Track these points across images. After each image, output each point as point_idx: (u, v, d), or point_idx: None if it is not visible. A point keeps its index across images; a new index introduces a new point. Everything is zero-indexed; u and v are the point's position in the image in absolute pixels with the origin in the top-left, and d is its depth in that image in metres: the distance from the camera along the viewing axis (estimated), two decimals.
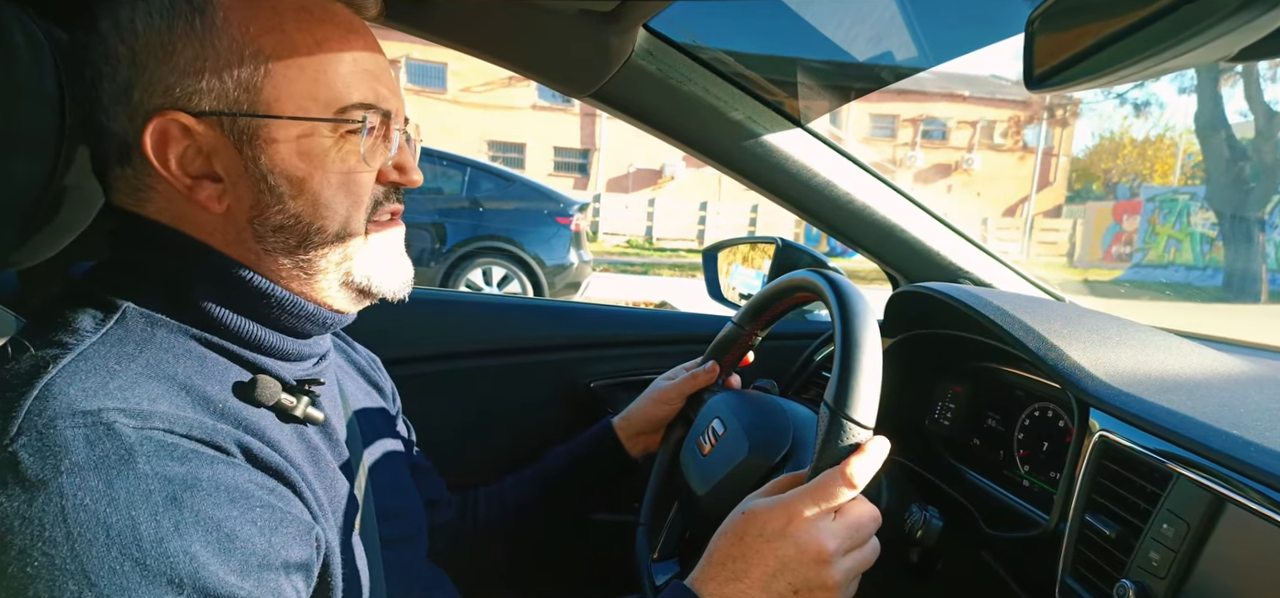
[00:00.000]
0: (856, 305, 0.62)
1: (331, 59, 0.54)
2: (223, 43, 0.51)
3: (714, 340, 0.89)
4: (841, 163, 1.06)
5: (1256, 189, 12.18)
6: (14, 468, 0.40)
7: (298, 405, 0.55)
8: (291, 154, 0.53)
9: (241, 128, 0.52)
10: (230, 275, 0.54)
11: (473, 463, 1.24)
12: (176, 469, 0.43)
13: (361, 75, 0.55)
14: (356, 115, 0.55)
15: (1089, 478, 0.65)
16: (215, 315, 0.53)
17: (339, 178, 0.55)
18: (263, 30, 0.52)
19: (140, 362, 0.48)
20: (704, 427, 0.79)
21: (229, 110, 0.51)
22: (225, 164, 0.52)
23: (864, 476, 0.57)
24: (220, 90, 0.51)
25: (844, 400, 0.58)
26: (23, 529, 0.39)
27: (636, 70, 0.94)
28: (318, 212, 0.55)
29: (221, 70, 0.51)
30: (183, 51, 0.50)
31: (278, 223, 0.54)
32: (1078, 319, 0.78)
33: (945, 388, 0.95)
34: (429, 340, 1.20)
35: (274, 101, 0.52)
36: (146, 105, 0.51)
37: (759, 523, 0.57)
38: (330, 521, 0.55)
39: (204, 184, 0.53)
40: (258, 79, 0.51)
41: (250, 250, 0.55)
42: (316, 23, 0.54)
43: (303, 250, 0.55)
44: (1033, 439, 0.82)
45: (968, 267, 1.09)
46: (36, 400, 0.42)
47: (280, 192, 0.53)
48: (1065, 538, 0.65)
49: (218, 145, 0.52)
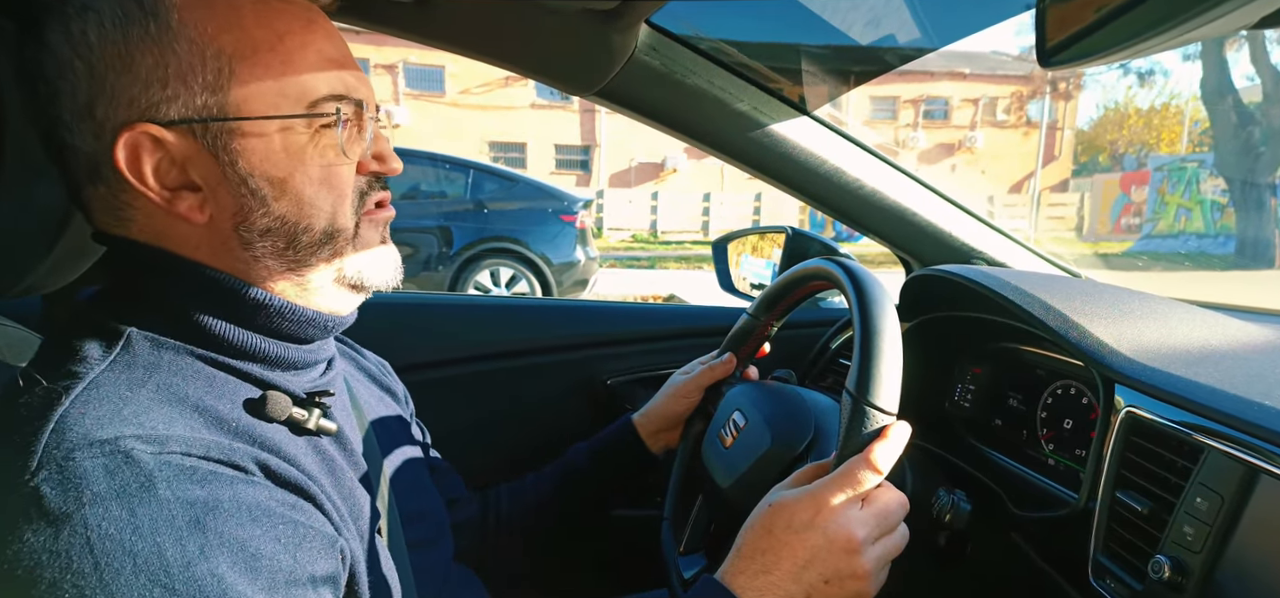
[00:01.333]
0: (874, 292, 0.62)
1: (296, 52, 0.52)
2: (182, 46, 0.49)
3: (730, 332, 0.89)
4: (849, 149, 1.05)
5: (1266, 153, 12.03)
6: (37, 503, 0.40)
7: (310, 418, 0.54)
8: (269, 154, 0.51)
9: (214, 133, 0.50)
10: (223, 289, 0.53)
11: (492, 465, 1.24)
12: (197, 492, 0.43)
13: (328, 66, 0.53)
14: (330, 108, 0.53)
15: (1117, 455, 0.64)
16: (216, 332, 0.52)
17: (320, 173, 0.53)
18: (221, 29, 0.50)
19: (150, 386, 0.48)
20: (724, 419, 0.79)
21: (199, 116, 0.49)
22: (202, 172, 0.51)
23: (889, 461, 0.57)
24: (186, 96, 0.49)
25: (866, 387, 0.57)
26: (51, 563, 0.39)
27: (640, 66, 0.94)
28: (303, 210, 0.53)
29: (185, 75, 0.49)
30: (142, 60, 0.48)
31: (264, 226, 0.52)
32: (1097, 295, 0.78)
33: (964, 370, 0.94)
34: (443, 345, 1.20)
35: (244, 102, 0.50)
36: (113, 120, 0.49)
37: (787, 515, 0.57)
38: (352, 530, 0.55)
39: (183, 195, 0.51)
40: (223, 80, 0.49)
41: (239, 259, 0.53)
42: (275, 16, 0.52)
43: (292, 252, 0.54)
44: (1056, 418, 0.81)
45: (981, 247, 1.08)
46: (53, 434, 0.42)
47: (263, 194, 0.52)
48: (1096, 516, 0.64)
49: (192, 153, 0.50)
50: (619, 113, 1.03)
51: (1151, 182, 15.77)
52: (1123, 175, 17.64)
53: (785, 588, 0.55)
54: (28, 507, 0.40)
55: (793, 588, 0.55)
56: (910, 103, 21.55)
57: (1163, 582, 0.56)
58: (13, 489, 0.41)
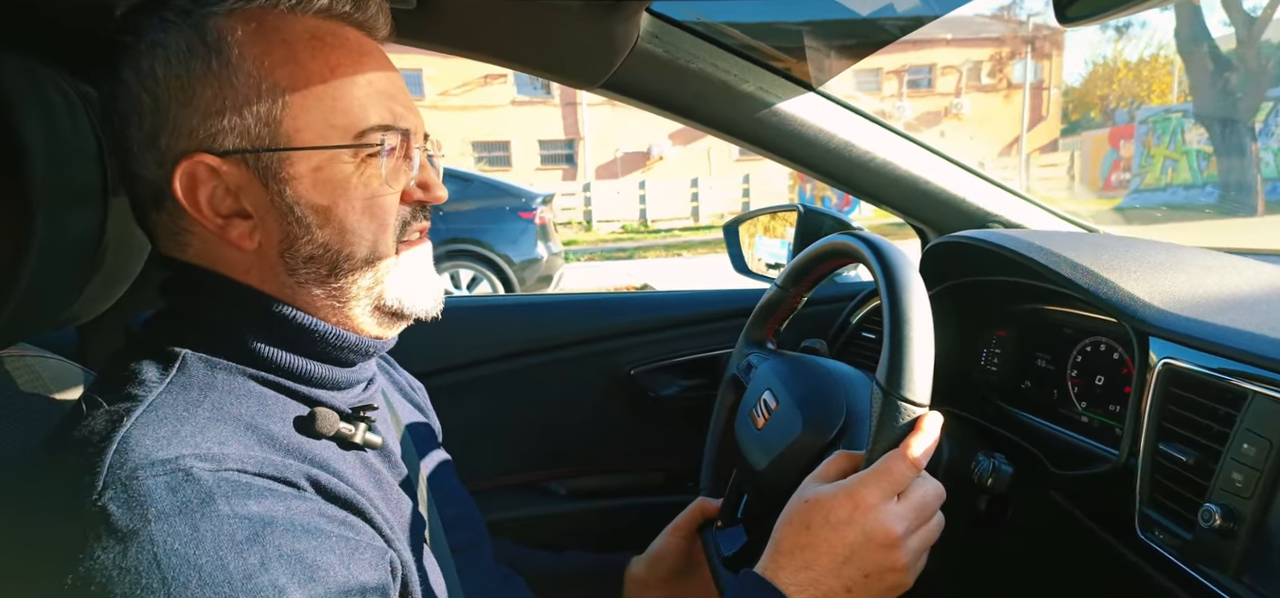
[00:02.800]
0: (903, 274, 0.61)
1: (346, 84, 0.54)
2: (240, 80, 0.51)
3: (759, 304, 0.88)
4: (859, 122, 1.05)
5: (1244, 100, 12.07)
6: (106, 521, 0.42)
7: (356, 432, 0.56)
8: (314, 184, 0.53)
9: (264, 163, 0.52)
10: (272, 314, 0.55)
11: (520, 461, 1.25)
12: (254, 507, 0.45)
13: (377, 97, 0.55)
14: (375, 138, 0.54)
15: (1157, 408, 0.64)
16: (265, 354, 0.54)
17: (363, 203, 0.55)
18: (277, 63, 0.52)
19: (206, 407, 0.49)
20: (756, 399, 0.78)
21: (252, 147, 0.52)
22: (252, 200, 0.53)
23: (925, 454, 0.57)
24: (242, 127, 0.51)
25: (897, 381, 0.57)
26: (121, 579, 0.41)
27: (644, 55, 0.93)
28: (345, 239, 0.55)
29: (241, 108, 0.51)
30: (202, 93, 0.51)
31: (307, 254, 0.54)
32: (1123, 249, 0.78)
33: (989, 334, 0.94)
34: (460, 349, 1.20)
35: (294, 133, 0.52)
36: (174, 149, 0.51)
37: (824, 511, 0.57)
38: (401, 540, 0.56)
39: (235, 223, 0.53)
40: (276, 112, 0.52)
41: (284, 285, 0.55)
42: (329, 50, 0.54)
43: (333, 279, 0.55)
44: (1087, 375, 0.81)
45: (997, 210, 1.08)
46: (117, 454, 0.44)
47: (307, 222, 0.53)
48: (1139, 470, 0.65)
49: (244, 182, 0.52)
50: (626, 103, 1.02)
51: (1137, 135, 15.80)
52: (1111, 131, 17.64)
53: (826, 584, 0.56)
54: (97, 525, 0.42)
55: (833, 584, 0.56)
56: (893, 73, 21.50)
57: (1214, 530, 0.57)
58: (81, 508, 0.42)
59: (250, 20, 0.52)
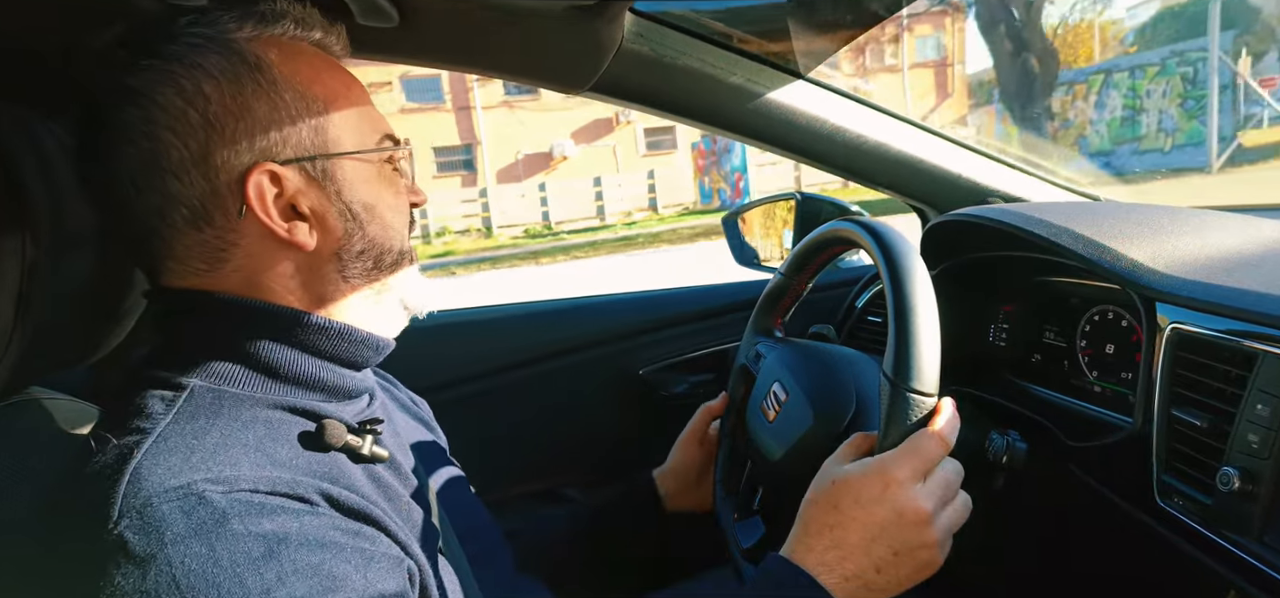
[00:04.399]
0: (905, 261, 0.60)
1: (358, 99, 0.60)
2: (289, 96, 0.55)
3: (763, 293, 0.87)
4: (850, 106, 1.04)
5: (1039, 79, 12.25)
6: (123, 549, 0.42)
7: (364, 444, 0.57)
8: (362, 182, 0.59)
9: (321, 167, 0.56)
10: (287, 318, 0.57)
11: (533, 469, 1.25)
12: (268, 525, 0.46)
13: (373, 110, 0.61)
14: (388, 144, 0.61)
15: (1168, 373, 0.63)
16: (275, 362, 0.55)
17: (393, 201, 0.61)
18: (310, 80, 0.57)
19: (215, 433, 0.50)
20: (766, 391, 0.78)
21: (309, 155, 0.56)
22: (313, 203, 0.56)
23: (952, 434, 0.58)
24: (296, 138, 0.55)
25: (905, 373, 0.56)
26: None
27: (630, 55, 0.92)
28: (387, 234, 0.60)
29: (295, 119, 0.55)
30: (258, 108, 0.54)
31: (359, 248, 0.59)
32: (1125, 215, 0.77)
33: (995, 310, 0.93)
34: (465, 361, 1.20)
35: (338, 140, 0.57)
36: (233, 163, 0.54)
37: (854, 490, 0.57)
38: (417, 550, 0.57)
39: (298, 225, 0.56)
40: (323, 122, 0.56)
41: (328, 282, 0.58)
42: (338, 70, 0.60)
43: (377, 271, 0.60)
44: (1097, 344, 0.81)
45: (995, 184, 1.07)
46: (129, 485, 0.44)
47: (361, 218, 0.58)
48: (1155, 437, 0.64)
49: (303, 187, 0.56)
50: (615, 104, 1.02)
51: (996, 113, 15.80)
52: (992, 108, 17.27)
53: (857, 562, 0.56)
54: (114, 554, 0.42)
55: (863, 561, 0.56)
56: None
57: (1233, 493, 0.56)
58: (98, 540, 0.43)
59: (273, 45, 0.56)
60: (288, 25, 0.57)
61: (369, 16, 0.77)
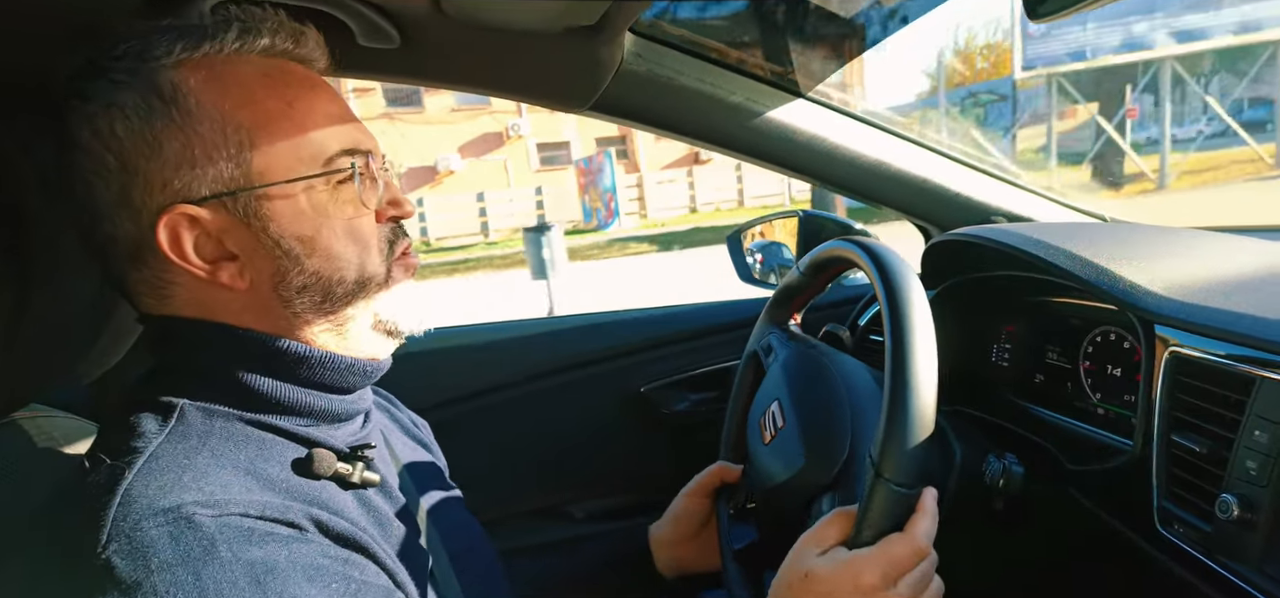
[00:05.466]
0: (911, 329, 0.55)
1: (306, 115, 0.55)
2: (204, 127, 0.51)
3: (779, 287, 0.86)
4: (851, 124, 1.04)
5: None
6: (110, 574, 0.42)
7: (354, 472, 0.56)
8: (296, 214, 0.54)
9: (243, 202, 0.52)
10: (266, 349, 0.55)
11: (535, 487, 1.25)
12: (256, 553, 0.45)
13: (335, 123, 0.56)
14: (344, 163, 0.55)
15: (1167, 397, 0.62)
16: (262, 390, 0.54)
17: (343, 227, 0.56)
18: (236, 105, 0.52)
19: (205, 454, 0.49)
20: (765, 407, 0.78)
21: (228, 190, 0.52)
22: (237, 241, 0.53)
23: (928, 539, 0.56)
24: (215, 173, 0.52)
25: (889, 462, 0.54)
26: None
27: (630, 75, 0.93)
28: (333, 264, 0.55)
29: (211, 154, 0.51)
30: (169, 145, 0.51)
31: (300, 284, 0.55)
32: (1125, 237, 0.76)
33: (998, 329, 0.92)
34: (466, 379, 1.21)
35: (266, 170, 0.53)
36: (150, 205, 0.51)
37: (824, 587, 0.56)
38: (405, 576, 0.56)
39: (223, 266, 0.53)
40: (245, 153, 0.52)
41: (281, 318, 0.55)
42: (282, 85, 0.55)
43: (329, 304, 0.56)
44: (1099, 366, 0.79)
45: (999, 204, 1.06)
46: (120, 506, 0.44)
47: (295, 253, 0.54)
48: (1154, 461, 0.62)
49: (226, 225, 0.53)
50: (614, 122, 1.02)
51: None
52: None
53: None
54: (102, 579, 0.42)
55: None
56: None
57: (1233, 521, 0.55)
58: (87, 562, 0.43)
59: (200, 68, 0.52)
60: (226, 40, 0.53)
61: (370, 38, 0.78)
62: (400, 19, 0.77)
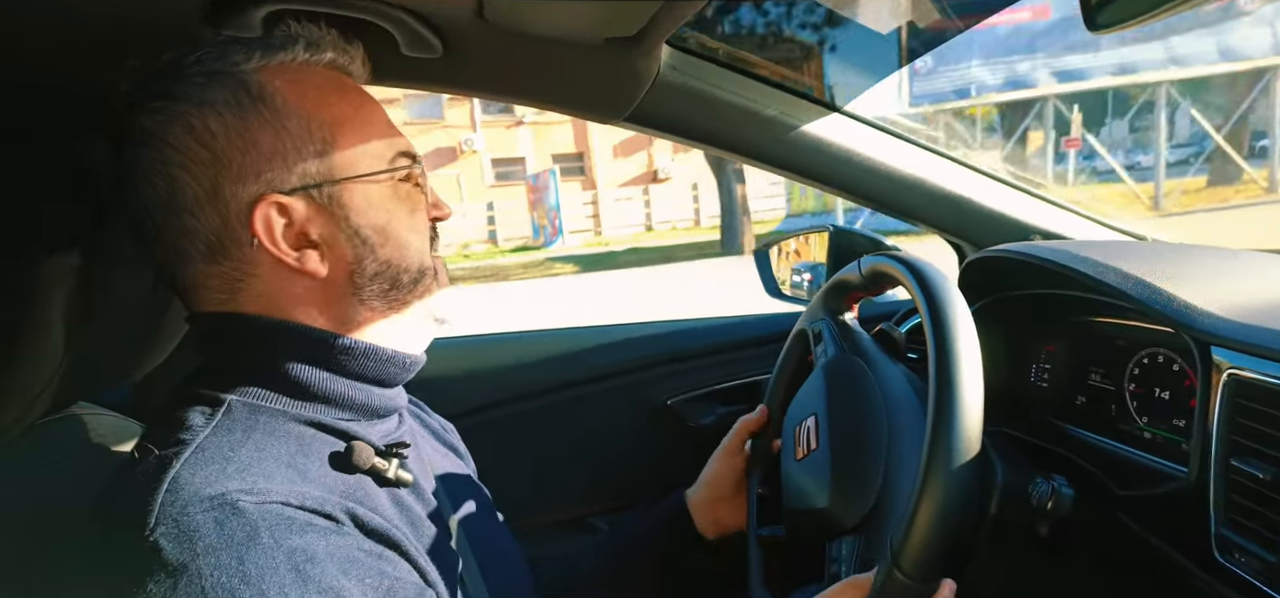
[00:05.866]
0: (957, 417, 0.52)
1: (370, 119, 0.60)
2: (292, 124, 0.55)
3: (836, 277, 0.85)
4: (886, 139, 1.03)
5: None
6: (157, 556, 0.44)
7: (390, 468, 0.58)
8: (371, 205, 0.58)
9: (327, 193, 0.56)
10: (315, 341, 0.57)
11: (559, 497, 1.24)
12: (297, 541, 0.47)
13: (389, 129, 0.61)
14: (402, 163, 0.61)
15: (1225, 421, 0.61)
16: (309, 383, 0.56)
17: (408, 220, 0.61)
18: (317, 105, 0.57)
19: (249, 446, 0.51)
20: (801, 418, 0.77)
21: (314, 182, 0.56)
22: (320, 230, 0.57)
23: None
24: (301, 166, 0.55)
25: (910, 559, 0.52)
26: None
27: (666, 86, 0.93)
28: (402, 254, 0.60)
29: (299, 147, 0.55)
30: (262, 139, 0.54)
31: (373, 271, 0.58)
32: (1175, 256, 0.74)
33: (1037, 350, 0.91)
34: (493, 386, 1.21)
35: (345, 164, 0.57)
36: (241, 196, 0.54)
37: None
38: (436, 576, 0.57)
39: (308, 253, 0.56)
40: (328, 148, 0.56)
41: (347, 306, 0.59)
42: (350, 92, 0.60)
43: (395, 292, 0.60)
44: (1147, 388, 0.78)
45: (1036, 222, 1.05)
46: (168, 493, 0.46)
47: (371, 242, 0.58)
48: (1212, 488, 0.61)
49: (311, 215, 0.56)
50: (650, 134, 1.02)
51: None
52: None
53: None
54: (149, 560, 0.44)
55: None
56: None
57: None
58: (135, 544, 0.45)
59: (280, 73, 0.56)
60: (298, 51, 0.57)
61: (413, 47, 0.79)
62: (444, 28, 0.78)
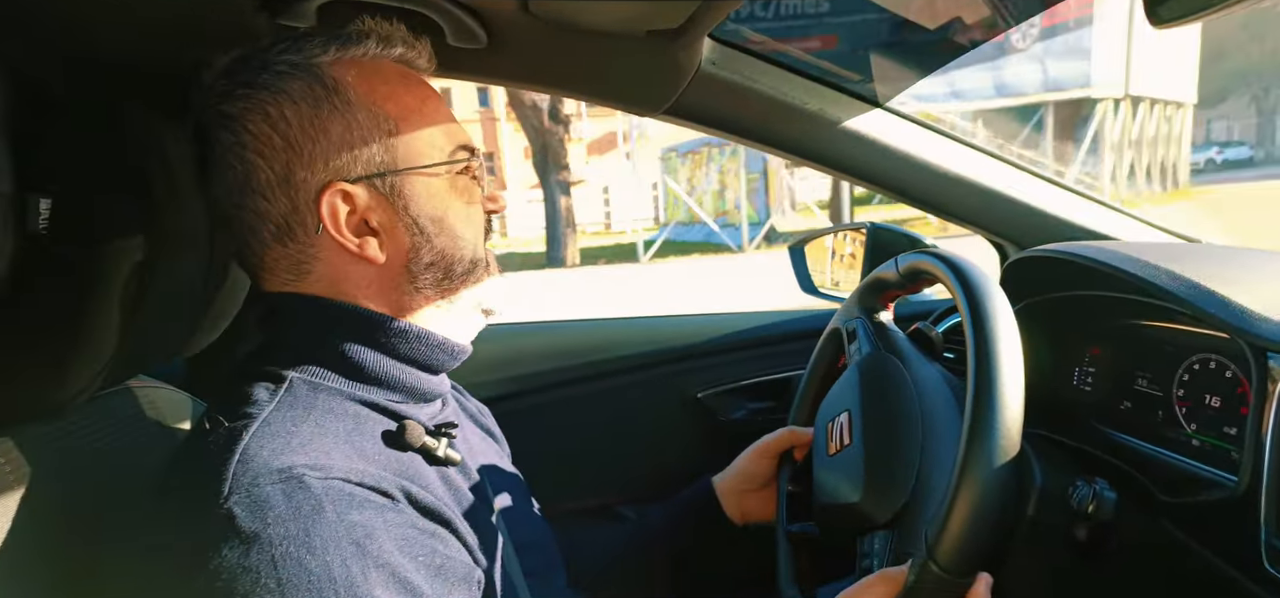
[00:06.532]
0: (997, 413, 0.52)
1: (433, 113, 0.62)
2: (361, 115, 0.58)
3: (872, 276, 0.84)
4: (929, 136, 1.02)
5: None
6: (232, 523, 0.46)
7: (439, 447, 0.60)
8: (430, 196, 0.60)
9: (390, 183, 0.59)
10: (377, 323, 0.60)
11: (587, 485, 1.25)
12: (357, 517, 0.49)
13: (451, 122, 0.63)
14: (461, 156, 0.63)
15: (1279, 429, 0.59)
16: (365, 364, 0.59)
17: (464, 212, 0.63)
18: (385, 98, 0.59)
19: (310, 422, 0.53)
20: (834, 414, 0.77)
21: (378, 172, 0.58)
22: (381, 218, 0.59)
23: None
24: (367, 156, 0.58)
25: (946, 551, 0.51)
26: (243, 577, 0.45)
27: (707, 80, 0.93)
28: (457, 244, 0.62)
29: (366, 138, 0.58)
30: (333, 129, 0.57)
31: (428, 260, 0.61)
32: (1229, 259, 0.72)
33: (1081, 352, 0.89)
34: (524, 374, 1.22)
35: (409, 155, 0.59)
36: (311, 182, 0.57)
37: None
38: (481, 558, 0.59)
39: (367, 240, 0.59)
40: (392, 140, 0.59)
41: (403, 292, 0.61)
42: (415, 86, 0.62)
43: (448, 281, 0.62)
44: (1196, 395, 0.75)
45: (1082, 221, 1.02)
46: (240, 463, 0.48)
47: (428, 232, 0.60)
48: (1263, 497, 0.59)
49: (373, 203, 0.59)
50: (689, 127, 1.02)
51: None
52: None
53: None
54: (223, 527, 0.46)
55: None
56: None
57: None
58: (211, 511, 0.47)
59: (352, 66, 0.59)
60: (370, 45, 0.60)
61: (460, 38, 0.80)
62: (489, 20, 0.79)
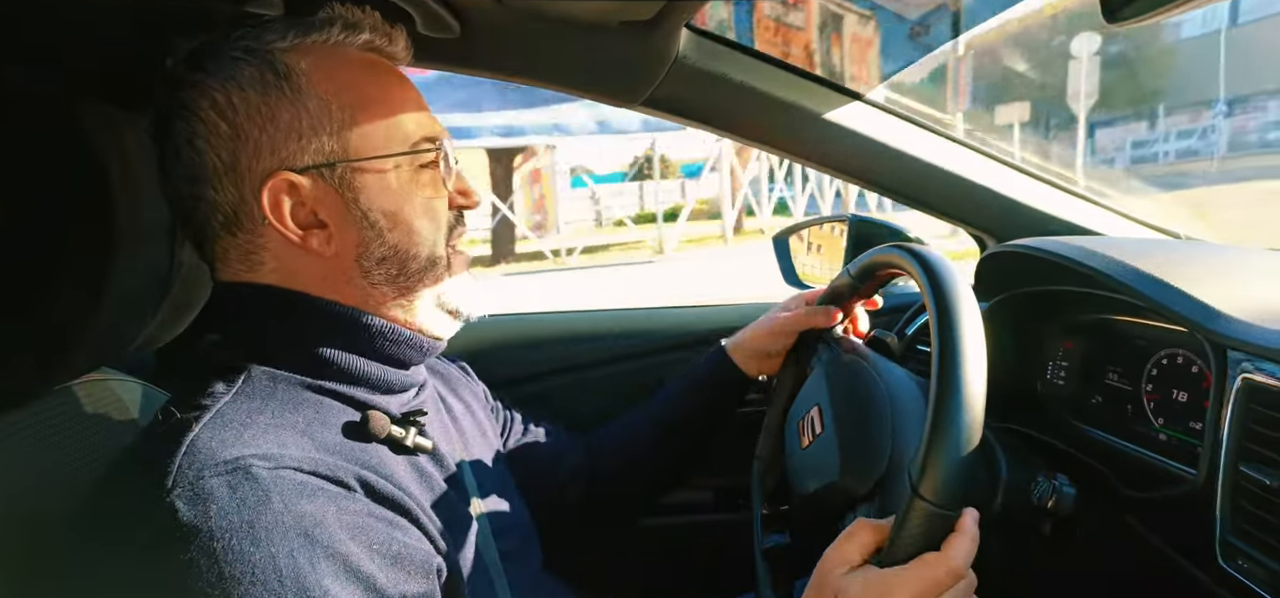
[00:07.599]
0: (961, 337, 0.52)
1: (397, 103, 0.60)
2: (312, 104, 0.57)
3: (829, 286, 0.85)
4: (907, 128, 1.01)
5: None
6: (173, 517, 0.45)
7: (407, 436, 0.60)
8: (383, 190, 0.59)
9: (339, 174, 0.57)
10: (337, 317, 0.59)
11: None
12: (308, 506, 0.48)
13: (418, 112, 0.62)
14: (426, 148, 0.61)
15: (1237, 425, 0.59)
16: (326, 357, 0.58)
17: (423, 206, 0.61)
18: (341, 87, 0.58)
19: (267, 414, 0.53)
20: (805, 411, 0.77)
21: (327, 161, 0.57)
22: (329, 211, 0.58)
23: (967, 560, 0.52)
24: (317, 145, 0.57)
25: (929, 482, 0.51)
26: (185, 572, 0.45)
27: (684, 71, 0.93)
28: (411, 240, 0.60)
29: (316, 128, 0.57)
30: (280, 117, 0.56)
31: (380, 255, 0.59)
32: (1198, 255, 0.72)
33: (1055, 346, 0.89)
34: (534, 361, 1.22)
35: (361, 147, 0.58)
36: (256, 171, 0.56)
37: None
38: (449, 545, 0.58)
39: (314, 233, 0.58)
40: (345, 130, 0.57)
41: (357, 288, 0.60)
42: (379, 74, 0.61)
43: (403, 278, 0.61)
44: (1164, 390, 0.76)
45: (1063, 215, 1.02)
46: (185, 456, 0.48)
47: (379, 226, 0.59)
48: (1219, 493, 0.59)
49: (321, 194, 0.57)
50: (668, 119, 1.02)
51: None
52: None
53: None
54: (164, 521, 0.46)
55: None
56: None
57: None
58: (154, 506, 0.46)
59: (310, 53, 0.58)
60: (333, 32, 0.59)
61: (431, 26, 0.80)
62: (461, 8, 0.79)
